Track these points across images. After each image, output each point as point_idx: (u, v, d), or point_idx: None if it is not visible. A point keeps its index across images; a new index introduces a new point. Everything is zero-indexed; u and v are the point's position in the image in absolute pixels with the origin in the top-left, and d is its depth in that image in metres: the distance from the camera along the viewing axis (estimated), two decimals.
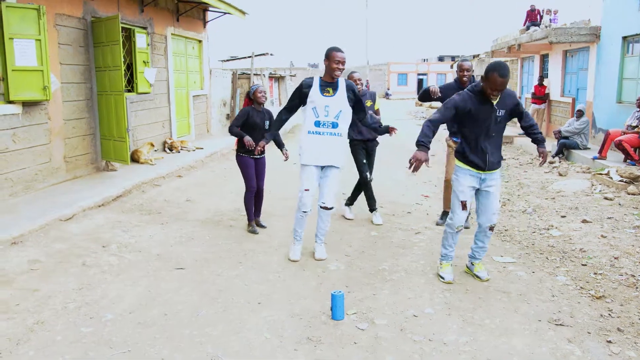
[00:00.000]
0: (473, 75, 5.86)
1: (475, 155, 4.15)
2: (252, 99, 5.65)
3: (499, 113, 4.07)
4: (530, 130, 4.39)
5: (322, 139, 4.67)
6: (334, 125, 4.66)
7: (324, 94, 4.64)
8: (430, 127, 4.00)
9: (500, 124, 4.14)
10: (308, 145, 4.70)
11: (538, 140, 4.37)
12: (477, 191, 4.29)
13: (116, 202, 7.03)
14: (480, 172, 4.19)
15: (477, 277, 4.40)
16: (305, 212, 4.81)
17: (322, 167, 4.80)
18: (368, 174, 6.17)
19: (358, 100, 4.78)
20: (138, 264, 4.80)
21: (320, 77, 4.71)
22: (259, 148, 5.18)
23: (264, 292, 4.14)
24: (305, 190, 4.74)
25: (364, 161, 6.11)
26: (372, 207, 6.30)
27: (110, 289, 4.20)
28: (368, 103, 6.04)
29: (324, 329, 3.53)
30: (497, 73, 3.84)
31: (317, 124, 4.65)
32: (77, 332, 3.48)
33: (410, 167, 3.83)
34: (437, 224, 6.11)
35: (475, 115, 4.05)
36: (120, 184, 7.69)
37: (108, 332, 3.49)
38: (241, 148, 5.67)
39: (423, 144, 3.89)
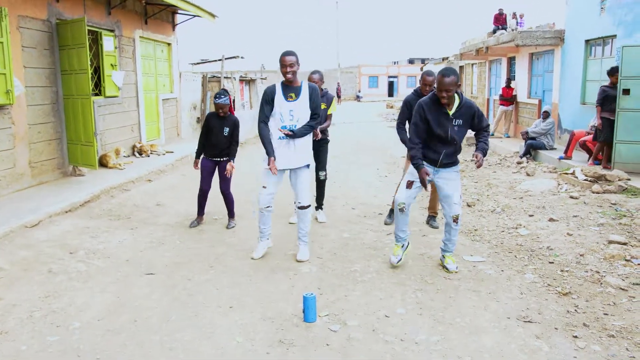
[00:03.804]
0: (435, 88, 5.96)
1: (430, 152, 4.51)
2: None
3: (455, 122, 4.40)
4: (479, 134, 4.54)
5: (290, 142, 4.71)
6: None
7: (288, 99, 4.67)
8: (417, 147, 4.42)
9: (458, 132, 4.44)
10: (278, 149, 4.70)
11: (478, 146, 4.49)
12: (437, 186, 4.61)
13: (84, 208, 6.89)
14: (433, 166, 4.55)
15: (445, 268, 4.59)
16: (261, 208, 4.87)
17: (292, 170, 4.84)
18: (320, 172, 6.21)
19: (315, 107, 4.75)
20: (107, 270, 4.71)
21: (282, 82, 4.72)
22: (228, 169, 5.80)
23: (236, 296, 4.11)
24: (263, 187, 4.82)
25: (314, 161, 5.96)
26: (318, 204, 6.38)
27: (77, 296, 4.11)
28: (323, 106, 5.88)
29: (296, 331, 3.52)
30: (440, 74, 4.23)
31: (284, 128, 4.66)
32: (43, 341, 3.39)
33: (424, 187, 4.39)
34: (386, 223, 6.16)
35: (431, 122, 4.39)
36: (88, 189, 7.54)
37: (76, 340, 3.41)
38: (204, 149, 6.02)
39: (420, 164, 4.36)
